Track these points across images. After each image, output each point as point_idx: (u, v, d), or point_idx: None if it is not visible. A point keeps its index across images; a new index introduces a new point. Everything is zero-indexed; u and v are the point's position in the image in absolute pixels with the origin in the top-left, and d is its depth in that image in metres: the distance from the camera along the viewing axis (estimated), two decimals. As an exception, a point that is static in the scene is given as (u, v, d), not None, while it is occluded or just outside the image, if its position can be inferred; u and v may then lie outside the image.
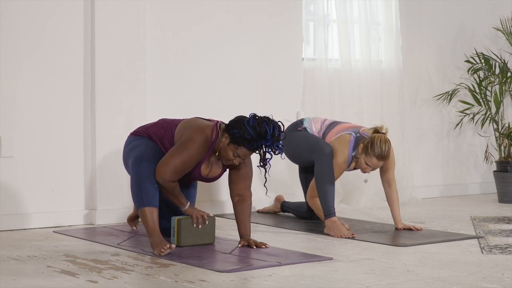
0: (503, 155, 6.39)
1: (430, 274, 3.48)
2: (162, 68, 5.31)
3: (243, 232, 4.18)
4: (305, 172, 5.16)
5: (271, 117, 3.98)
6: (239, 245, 4.14)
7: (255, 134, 3.87)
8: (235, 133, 3.91)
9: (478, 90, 6.52)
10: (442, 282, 3.33)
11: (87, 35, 4.99)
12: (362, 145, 4.66)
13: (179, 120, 4.26)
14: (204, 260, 3.78)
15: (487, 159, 6.58)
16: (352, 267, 3.65)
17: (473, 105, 6.54)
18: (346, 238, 4.48)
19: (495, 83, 6.53)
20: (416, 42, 6.55)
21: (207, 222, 4.10)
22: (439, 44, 6.69)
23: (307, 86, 5.93)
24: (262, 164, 4.02)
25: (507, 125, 6.48)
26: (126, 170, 4.31)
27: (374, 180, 5.52)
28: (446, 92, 6.57)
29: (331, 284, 3.30)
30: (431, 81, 6.65)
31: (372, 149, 4.61)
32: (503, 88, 6.48)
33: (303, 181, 5.19)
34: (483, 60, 6.53)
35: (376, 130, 4.71)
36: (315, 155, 4.75)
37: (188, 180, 4.25)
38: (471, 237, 4.51)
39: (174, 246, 3.90)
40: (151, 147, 4.15)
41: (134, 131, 4.35)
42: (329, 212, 4.63)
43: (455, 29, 6.78)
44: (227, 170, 4.25)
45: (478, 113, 6.57)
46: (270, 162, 4.04)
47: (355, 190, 5.91)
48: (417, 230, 4.72)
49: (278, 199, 5.52)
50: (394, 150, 4.96)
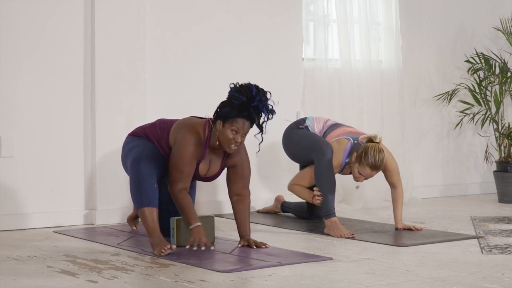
0: (503, 155, 6.39)
1: (430, 274, 3.48)
2: (162, 68, 5.31)
3: (243, 232, 4.19)
4: (305, 172, 5.16)
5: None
6: (239, 245, 4.14)
7: (241, 95, 3.91)
8: (224, 110, 3.94)
9: (478, 90, 6.52)
10: (442, 282, 3.33)
11: (87, 35, 4.99)
12: (355, 154, 4.67)
13: (176, 120, 4.27)
14: (204, 260, 3.78)
15: (487, 159, 6.58)
16: (352, 267, 3.65)
17: (473, 105, 6.54)
18: (346, 238, 4.48)
19: (495, 83, 6.53)
20: (416, 42, 6.56)
21: (203, 249, 3.94)
22: (439, 44, 6.69)
23: (307, 86, 5.93)
24: (259, 129, 4.01)
25: (507, 125, 6.48)
26: (125, 171, 4.32)
27: (374, 180, 5.52)
28: (446, 92, 6.57)
29: (331, 284, 3.30)
30: (431, 81, 6.65)
31: (366, 158, 4.61)
32: (503, 88, 6.48)
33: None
34: (483, 60, 6.53)
35: (370, 140, 4.70)
36: (315, 154, 4.75)
37: None
38: (471, 237, 4.51)
39: (174, 246, 3.90)
40: (149, 147, 4.16)
41: (132, 132, 4.36)
42: (329, 212, 4.63)
43: (455, 29, 6.78)
44: (225, 169, 4.25)
45: (478, 113, 6.57)
46: (266, 129, 4.03)
47: (355, 190, 5.90)
48: (417, 230, 4.72)
49: (278, 199, 5.52)
50: (394, 150, 4.96)
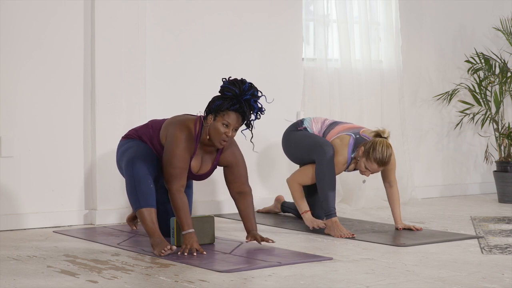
0: (503, 155, 6.39)
1: (430, 274, 3.48)
2: (162, 68, 5.31)
3: (249, 227, 4.18)
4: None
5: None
6: (247, 240, 4.15)
7: (234, 87, 3.92)
8: (216, 103, 3.96)
9: (478, 90, 6.52)
10: (442, 282, 3.33)
11: (87, 35, 4.99)
12: (363, 148, 4.64)
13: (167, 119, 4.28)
14: (204, 260, 3.78)
15: (487, 159, 6.58)
16: (352, 267, 3.65)
17: (473, 105, 6.54)
18: (346, 238, 4.48)
19: (495, 83, 6.53)
20: (416, 42, 6.56)
21: (195, 255, 3.90)
22: (439, 44, 6.69)
23: (307, 86, 5.93)
24: (247, 123, 4.02)
25: (507, 125, 6.48)
26: (120, 173, 4.32)
27: (374, 180, 5.53)
28: (446, 92, 6.57)
29: (331, 284, 3.30)
30: (431, 81, 6.65)
31: (373, 154, 4.58)
32: (503, 88, 6.48)
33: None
34: (483, 60, 6.53)
35: (378, 134, 4.67)
36: (316, 154, 4.74)
37: None
38: (471, 237, 4.51)
39: (174, 247, 3.89)
40: (142, 147, 4.16)
41: (125, 134, 4.38)
42: (330, 212, 4.63)
43: (455, 29, 6.78)
44: (217, 168, 4.24)
45: (478, 113, 6.57)
46: (254, 123, 4.05)
47: (355, 190, 5.91)
48: (417, 230, 4.72)
49: (278, 199, 5.52)
50: (394, 150, 4.96)
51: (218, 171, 4.40)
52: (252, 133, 4.09)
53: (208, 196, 5.45)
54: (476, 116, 6.60)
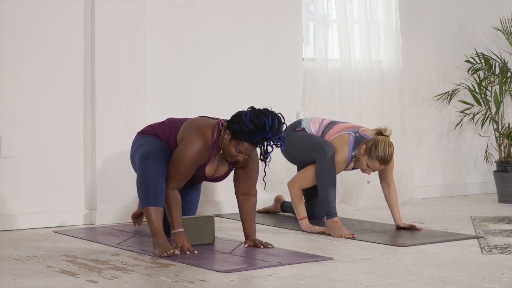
0: (503, 155, 6.39)
1: (430, 274, 3.48)
2: (162, 68, 5.31)
3: (249, 232, 4.17)
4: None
5: (270, 108, 3.94)
6: (245, 245, 4.12)
7: (254, 127, 3.82)
8: (235, 128, 3.87)
9: (478, 90, 6.52)
10: (442, 282, 3.33)
11: (87, 35, 4.99)
12: (364, 146, 4.64)
13: (186, 119, 4.25)
14: (204, 260, 3.78)
15: (487, 159, 6.58)
16: (352, 267, 3.65)
17: (473, 105, 6.54)
18: (346, 238, 4.48)
19: (495, 83, 6.53)
20: (416, 42, 6.56)
21: (187, 253, 3.90)
22: (439, 44, 6.69)
23: (307, 86, 5.93)
24: (262, 158, 3.98)
25: (507, 125, 6.48)
26: (133, 168, 4.27)
27: (374, 180, 5.53)
28: (446, 92, 6.57)
29: (331, 284, 3.30)
30: (431, 81, 6.65)
31: (375, 152, 4.57)
32: (503, 88, 6.48)
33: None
34: (483, 60, 6.53)
35: (380, 132, 4.66)
36: (317, 154, 4.74)
37: (193, 181, 4.24)
38: (471, 237, 4.51)
39: (177, 252, 3.87)
40: (158, 144, 4.13)
41: (142, 130, 4.33)
42: (330, 212, 4.62)
43: (455, 29, 6.78)
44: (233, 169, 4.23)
45: (478, 113, 6.57)
46: (271, 155, 3.99)
47: (355, 190, 5.91)
48: (417, 230, 4.72)
49: (278, 199, 5.52)
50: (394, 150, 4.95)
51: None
52: (266, 171, 4.04)
53: (208, 196, 5.45)
54: (476, 116, 6.60)
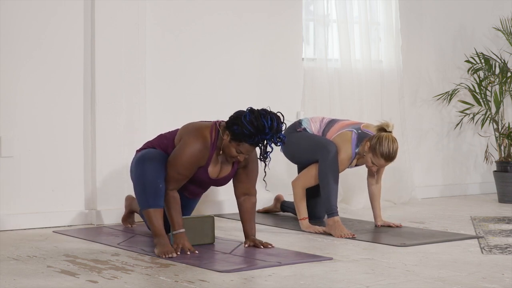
0: (503, 155, 6.39)
1: (430, 274, 3.48)
2: (162, 68, 5.31)
3: (249, 232, 4.17)
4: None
5: (268, 109, 3.94)
6: (245, 245, 4.12)
7: (253, 129, 3.83)
8: (234, 129, 3.88)
9: (478, 90, 6.52)
10: (442, 282, 3.33)
11: (87, 35, 4.99)
12: (368, 143, 4.62)
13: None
14: (204, 260, 3.78)
15: (487, 159, 6.58)
16: (352, 267, 3.65)
17: (473, 105, 6.54)
18: (346, 238, 4.48)
19: (495, 83, 6.53)
20: (416, 42, 6.56)
21: (188, 253, 3.91)
22: (439, 44, 6.69)
23: (307, 86, 5.93)
24: (262, 158, 3.99)
25: (507, 125, 6.48)
26: (132, 181, 4.27)
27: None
28: (446, 92, 6.57)
29: (331, 284, 3.30)
30: (431, 81, 6.65)
31: (380, 149, 4.56)
32: (503, 88, 6.48)
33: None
34: (483, 60, 6.53)
35: (382, 128, 4.65)
36: (319, 153, 4.73)
37: (199, 186, 4.22)
38: (471, 237, 4.51)
39: (175, 255, 3.85)
40: (155, 150, 4.14)
41: (139, 148, 4.34)
42: (331, 211, 4.62)
43: (455, 29, 6.78)
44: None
45: (478, 113, 6.57)
46: (270, 155, 3.99)
47: (355, 190, 5.91)
48: (396, 226, 4.78)
49: (278, 198, 5.52)
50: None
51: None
52: (266, 171, 4.04)
53: (208, 196, 5.44)
54: (476, 116, 6.60)
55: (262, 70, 5.73)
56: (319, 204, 5.08)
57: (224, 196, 5.41)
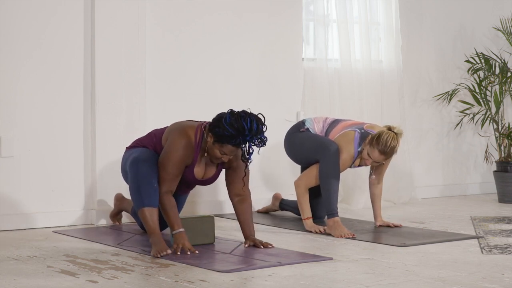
0: (503, 155, 6.39)
1: (430, 274, 3.48)
2: (162, 68, 5.31)
3: (248, 233, 4.17)
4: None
5: (248, 110, 3.97)
6: (245, 245, 4.13)
7: (234, 130, 3.88)
8: (216, 131, 3.93)
9: (478, 90, 6.52)
10: (442, 282, 3.33)
11: (87, 35, 4.99)
12: (370, 136, 4.66)
13: None
14: (204, 260, 3.78)
15: (487, 159, 6.58)
16: (352, 267, 3.65)
17: (473, 105, 6.54)
18: (346, 238, 4.48)
19: (495, 83, 6.53)
20: (416, 42, 6.56)
21: (188, 253, 3.92)
22: (439, 44, 6.69)
23: (307, 86, 5.93)
24: (244, 159, 4.04)
25: (507, 125, 6.48)
26: (125, 180, 4.32)
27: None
28: (446, 92, 6.57)
29: (331, 284, 3.30)
30: (431, 81, 6.65)
31: (377, 142, 4.58)
32: (503, 88, 6.48)
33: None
34: (483, 60, 6.53)
35: (389, 128, 4.68)
36: (320, 153, 4.73)
37: (186, 185, 4.26)
38: (471, 237, 4.51)
39: (170, 252, 3.86)
40: (147, 151, 4.18)
41: (130, 145, 4.37)
42: (332, 211, 4.63)
43: (455, 29, 6.78)
44: (223, 170, 4.25)
45: (478, 113, 6.57)
46: (253, 156, 4.05)
47: (355, 190, 5.91)
48: (395, 226, 4.79)
49: (276, 197, 5.51)
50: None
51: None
52: (246, 172, 4.13)
53: (208, 196, 5.45)
54: (476, 116, 6.60)
55: (262, 70, 5.73)
56: (320, 204, 5.07)
57: (224, 196, 5.41)
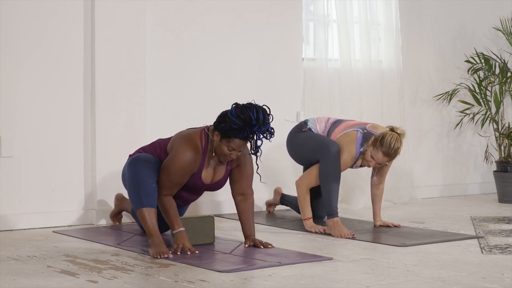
0: (503, 155, 6.39)
1: (430, 274, 3.48)
2: (162, 68, 5.31)
3: (248, 232, 4.17)
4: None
5: (253, 102, 3.98)
6: (245, 245, 4.12)
7: (241, 122, 3.87)
8: (223, 127, 3.92)
9: (478, 90, 6.52)
10: (442, 282, 3.33)
11: (87, 35, 4.99)
12: (373, 138, 4.65)
13: None
14: (204, 260, 3.78)
15: (487, 159, 6.58)
16: (352, 267, 3.65)
17: (473, 105, 6.54)
18: (346, 238, 4.48)
19: (495, 83, 6.53)
20: (416, 42, 6.56)
21: (188, 253, 3.92)
22: (439, 44, 6.69)
23: (307, 86, 5.93)
24: (253, 152, 4.01)
25: (507, 125, 6.48)
26: (124, 186, 4.30)
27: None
28: (446, 92, 6.57)
29: (331, 284, 3.30)
30: (431, 81, 6.65)
31: (381, 143, 4.58)
32: (503, 88, 6.48)
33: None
34: (483, 60, 6.53)
35: (392, 129, 4.68)
36: (321, 153, 4.73)
37: (194, 192, 4.23)
38: (471, 237, 4.51)
39: (171, 255, 3.86)
40: (148, 154, 4.16)
41: (132, 153, 4.35)
42: (332, 212, 4.63)
43: (455, 29, 6.78)
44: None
45: (478, 113, 6.57)
46: (261, 148, 4.02)
47: (355, 190, 5.91)
48: (395, 226, 4.80)
49: (277, 191, 5.50)
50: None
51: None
52: (258, 164, 4.07)
53: (208, 196, 5.44)
54: (476, 116, 6.60)
55: (262, 70, 5.73)
56: (321, 204, 5.07)
57: (224, 196, 5.41)
